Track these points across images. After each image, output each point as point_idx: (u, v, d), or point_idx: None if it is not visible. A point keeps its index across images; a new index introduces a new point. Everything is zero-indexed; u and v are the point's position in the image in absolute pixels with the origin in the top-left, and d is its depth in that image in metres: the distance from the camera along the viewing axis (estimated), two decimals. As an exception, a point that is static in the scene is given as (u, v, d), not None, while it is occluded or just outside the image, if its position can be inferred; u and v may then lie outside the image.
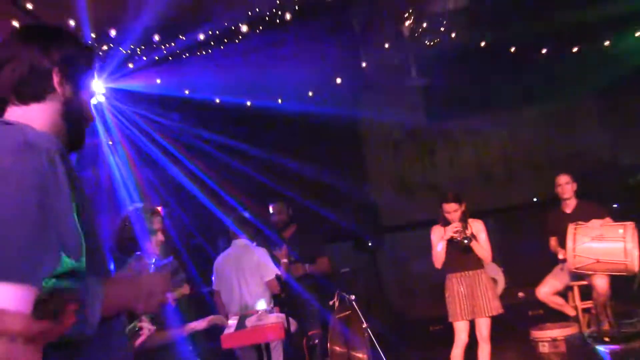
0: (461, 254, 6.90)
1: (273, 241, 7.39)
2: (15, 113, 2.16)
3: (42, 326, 1.14)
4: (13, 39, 2.24)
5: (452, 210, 6.89)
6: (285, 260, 7.21)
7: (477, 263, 6.97)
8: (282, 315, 5.47)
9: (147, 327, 4.18)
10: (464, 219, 6.89)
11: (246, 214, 7.07)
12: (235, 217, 6.97)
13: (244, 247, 6.73)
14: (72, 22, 7.50)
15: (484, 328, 6.88)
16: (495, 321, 6.93)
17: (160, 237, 4.90)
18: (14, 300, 1.62)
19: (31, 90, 2.17)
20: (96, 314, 1.90)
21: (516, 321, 9.34)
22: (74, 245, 1.84)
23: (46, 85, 2.18)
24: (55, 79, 2.19)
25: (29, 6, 7.01)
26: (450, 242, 6.83)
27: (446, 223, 6.93)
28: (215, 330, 5.31)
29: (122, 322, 2.30)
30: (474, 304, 6.85)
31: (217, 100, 9.78)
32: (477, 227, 6.93)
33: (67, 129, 2.23)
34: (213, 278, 6.99)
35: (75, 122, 2.28)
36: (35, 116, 2.15)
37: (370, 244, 11.37)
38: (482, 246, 6.91)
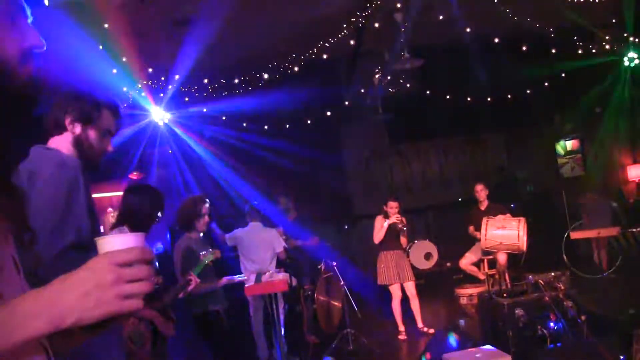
0: (393, 239, 7.05)
1: (274, 223, 7.26)
2: (53, 142, 2.33)
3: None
4: (55, 99, 2.37)
5: (394, 206, 7.01)
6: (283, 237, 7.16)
7: (400, 246, 7.13)
8: (287, 275, 5.44)
9: (194, 279, 4.14)
10: (400, 214, 7.01)
11: (255, 204, 7.00)
12: (250, 206, 6.83)
13: (258, 227, 6.62)
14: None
15: (411, 288, 7.01)
16: (429, 282, 7.09)
17: (206, 218, 4.90)
18: None
19: (53, 128, 2.34)
20: None
21: (444, 282, 9.57)
22: (84, 228, 2.12)
23: (61, 125, 2.33)
24: (67, 121, 2.32)
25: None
26: (389, 227, 6.94)
27: (386, 215, 7.05)
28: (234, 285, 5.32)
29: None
30: (399, 272, 6.99)
31: (244, 124, 9.86)
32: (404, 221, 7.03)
33: (79, 155, 2.34)
34: (229, 242, 6.72)
35: (87, 150, 2.35)
36: (62, 145, 2.32)
37: (346, 227, 11.54)
38: (405, 235, 7.12)
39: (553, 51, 8.97)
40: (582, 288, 5.56)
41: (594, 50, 9.05)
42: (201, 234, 4.97)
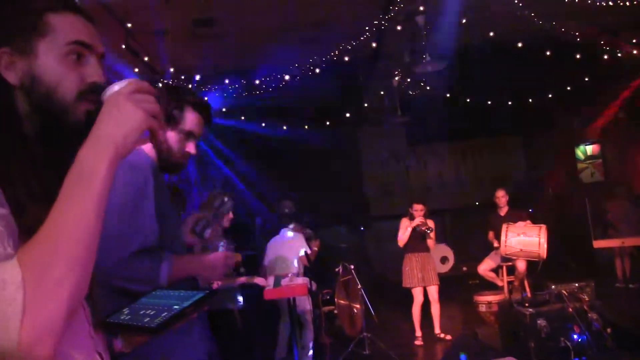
0: (419, 241, 6.94)
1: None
2: None
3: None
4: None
5: (419, 209, 6.93)
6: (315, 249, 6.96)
7: (427, 248, 7.00)
8: (307, 279, 5.42)
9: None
10: (425, 217, 6.95)
11: (287, 210, 6.92)
12: (281, 213, 6.78)
13: (286, 234, 6.57)
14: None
15: (434, 292, 6.93)
16: (444, 286, 7.02)
17: (230, 215, 4.91)
18: None
19: None
20: (165, 270, 1.97)
21: (460, 287, 9.49)
22: (151, 234, 1.99)
23: None
24: None
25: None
26: (414, 230, 6.88)
27: (412, 218, 6.97)
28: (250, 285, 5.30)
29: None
30: (424, 275, 6.90)
31: (263, 125, 9.85)
32: (431, 224, 6.95)
33: (158, 157, 2.20)
34: (265, 255, 6.62)
35: (165, 151, 2.19)
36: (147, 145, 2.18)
37: (362, 228, 11.50)
38: (432, 238, 6.97)
39: (577, 56, 8.83)
40: (607, 299, 5.44)
41: (619, 54, 8.89)
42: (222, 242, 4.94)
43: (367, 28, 7.39)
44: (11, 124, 1.03)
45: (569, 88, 10.34)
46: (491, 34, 7.96)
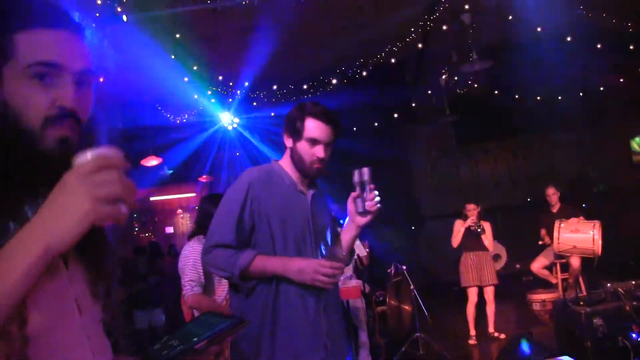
0: (474, 240, 6.90)
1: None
2: (284, 157, 2.59)
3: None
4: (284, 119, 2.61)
5: (472, 209, 6.92)
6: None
7: (483, 247, 6.94)
8: (360, 282, 5.43)
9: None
10: (478, 217, 6.92)
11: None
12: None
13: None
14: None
15: (490, 292, 6.89)
16: (498, 284, 6.96)
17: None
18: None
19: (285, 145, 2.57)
20: (241, 261, 2.28)
21: (513, 284, 9.38)
22: (226, 233, 2.35)
23: (283, 141, 2.56)
24: (285, 137, 2.53)
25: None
26: (467, 230, 6.87)
27: (465, 218, 6.96)
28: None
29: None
30: (480, 275, 6.87)
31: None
32: (486, 225, 6.93)
33: (294, 165, 2.51)
34: None
35: (298, 162, 2.48)
36: (284, 159, 2.57)
37: (413, 228, 11.47)
38: (488, 238, 6.96)
39: (631, 47, 8.59)
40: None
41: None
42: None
43: (412, 29, 7.38)
44: None
45: (621, 80, 10.06)
46: (539, 29, 7.82)
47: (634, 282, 5.13)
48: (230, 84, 8.60)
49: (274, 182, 2.46)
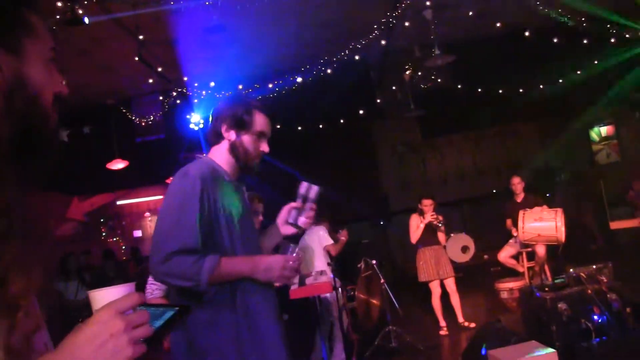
0: (431, 235, 7.00)
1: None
2: (213, 151, 2.44)
3: None
4: (214, 110, 2.46)
5: (429, 204, 6.99)
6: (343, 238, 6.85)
7: (438, 241, 7.06)
8: (331, 276, 5.45)
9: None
10: (435, 210, 6.98)
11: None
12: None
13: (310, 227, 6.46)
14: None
15: (451, 284, 6.99)
16: (467, 275, 7.05)
17: (260, 217, 4.75)
18: None
19: (213, 139, 2.44)
20: (207, 267, 2.08)
21: (481, 275, 9.53)
22: (191, 237, 2.11)
23: (219, 134, 2.41)
24: (223, 130, 2.39)
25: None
26: (427, 225, 6.92)
27: (421, 213, 7.03)
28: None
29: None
30: (439, 269, 6.96)
31: (278, 126, 9.90)
32: (441, 218, 6.98)
33: (235, 160, 2.40)
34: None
35: (241, 155, 2.38)
36: (218, 152, 2.42)
37: (382, 223, 11.54)
38: (442, 231, 7.05)
39: (585, 41, 8.81)
40: (627, 280, 5.45)
41: (627, 36, 8.85)
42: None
43: (375, 27, 7.45)
44: None
45: (579, 72, 10.30)
46: (498, 24, 7.98)
47: (594, 267, 5.28)
48: (196, 84, 8.56)
49: (216, 178, 2.31)
